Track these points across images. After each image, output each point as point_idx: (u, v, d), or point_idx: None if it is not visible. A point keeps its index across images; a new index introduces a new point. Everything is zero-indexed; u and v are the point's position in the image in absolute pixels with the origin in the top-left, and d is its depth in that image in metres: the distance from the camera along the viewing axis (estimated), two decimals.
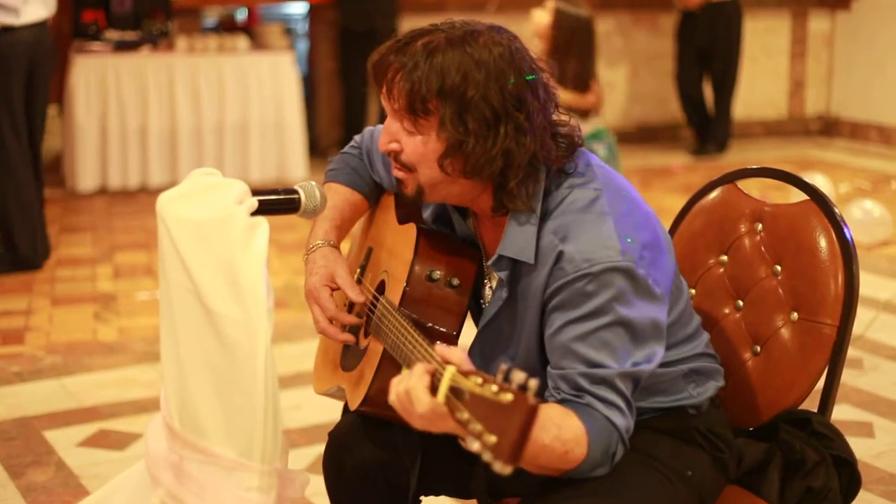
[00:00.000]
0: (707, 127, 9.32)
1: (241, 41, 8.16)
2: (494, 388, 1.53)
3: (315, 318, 2.25)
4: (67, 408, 4.19)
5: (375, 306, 2.19)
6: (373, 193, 2.45)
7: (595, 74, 5.89)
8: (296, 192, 2.03)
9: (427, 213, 2.28)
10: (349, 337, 2.26)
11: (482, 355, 2.18)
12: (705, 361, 2.22)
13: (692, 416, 2.18)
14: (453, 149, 1.97)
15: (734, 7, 9.07)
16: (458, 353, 1.68)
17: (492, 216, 2.09)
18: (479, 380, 1.55)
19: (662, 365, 2.07)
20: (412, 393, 1.69)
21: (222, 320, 1.76)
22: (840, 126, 10.29)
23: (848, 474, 2.22)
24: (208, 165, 7.85)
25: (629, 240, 1.97)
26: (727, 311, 2.40)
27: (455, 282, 2.11)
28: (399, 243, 2.21)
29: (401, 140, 2.03)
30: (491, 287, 2.19)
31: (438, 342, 1.75)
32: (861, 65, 10.04)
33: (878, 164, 9.06)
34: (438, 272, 2.11)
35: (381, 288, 2.25)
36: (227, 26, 8.94)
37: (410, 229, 2.18)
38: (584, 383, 1.95)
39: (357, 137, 2.49)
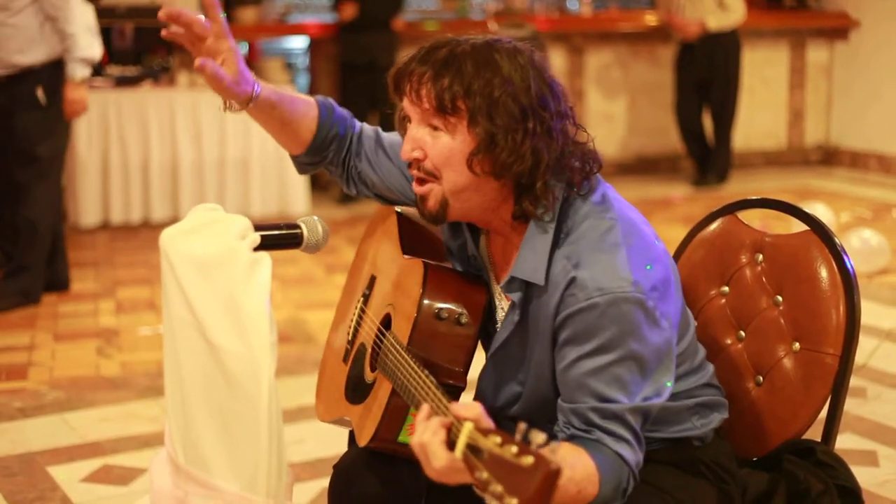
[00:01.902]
0: (707, 158, 9.35)
1: None
2: (514, 449, 1.52)
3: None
4: (71, 443, 4.18)
5: (382, 341, 2.19)
6: (335, 119, 2.37)
7: None
8: (298, 226, 2.04)
9: (447, 235, 2.27)
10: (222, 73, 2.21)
11: (493, 380, 2.19)
12: (711, 394, 2.22)
13: (697, 447, 2.18)
14: (484, 145, 2.00)
15: (732, 38, 9.11)
16: (475, 408, 1.66)
17: (511, 227, 2.10)
18: (499, 439, 1.55)
19: (669, 398, 2.07)
20: (428, 448, 1.67)
21: (226, 355, 1.77)
22: (840, 155, 10.32)
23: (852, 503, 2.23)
24: (210, 200, 7.88)
25: (641, 273, 1.98)
26: (729, 341, 2.41)
27: (464, 319, 2.11)
28: (405, 278, 2.21)
29: (425, 146, 2.05)
30: (503, 309, 2.19)
31: (453, 402, 1.72)
32: (860, 94, 10.08)
33: (878, 192, 9.08)
34: (447, 311, 2.10)
35: (386, 322, 2.25)
36: None
37: (417, 265, 2.18)
38: (595, 418, 1.96)
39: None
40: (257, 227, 1.91)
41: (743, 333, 2.40)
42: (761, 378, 2.34)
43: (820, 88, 10.38)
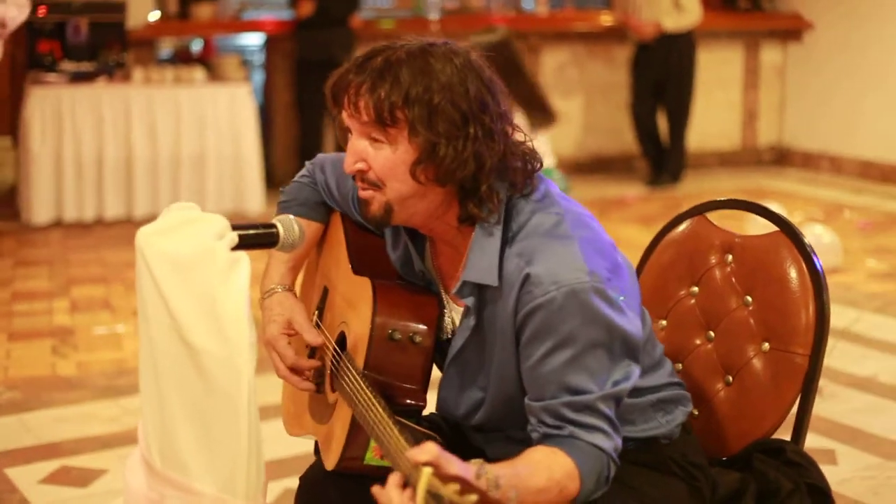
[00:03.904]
0: (662, 158, 9.39)
1: (198, 72, 8.15)
2: (474, 497, 1.52)
3: (276, 367, 2.26)
4: (28, 444, 4.14)
5: (339, 359, 2.18)
6: (326, 219, 2.43)
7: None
8: (274, 226, 2.02)
9: (395, 254, 2.25)
10: (311, 385, 2.26)
11: (454, 387, 2.18)
12: (672, 389, 2.23)
13: (665, 445, 2.19)
14: (426, 154, 1.98)
15: (688, 39, 9.16)
16: (431, 450, 1.64)
17: (457, 232, 2.08)
18: (457, 486, 1.54)
19: (633, 395, 2.08)
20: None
21: (203, 356, 1.75)
22: (792, 156, 10.41)
23: (822, 503, 2.24)
24: (164, 197, 7.89)
25: (595, 262, 1.98)
26: (698, 341, 2.42)
27: (418, 338, 2.09)
28: (356, 296, 2.19)
29: (368, 158, 2.02)
30: (451, 318, 2.18)
31: (411, 447, 1.69)
32: (812, 96, 10.17)
33: (829, 193, 9.16)
34: (400, 330, 2.08)
35: (340, 340, 2.23)
36: (183, 57, 8.91)
37: (366, 284, 2.15)
38: (567, 412, 1.96)
39: (308, 165, 2.45)
40: (233, 227, 1.89)
41: (712, 334, 2.40)
42: (731, 378, 2.36)
43: (773, 89, 10.47)
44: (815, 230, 6.57)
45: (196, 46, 9.37)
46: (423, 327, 2.10)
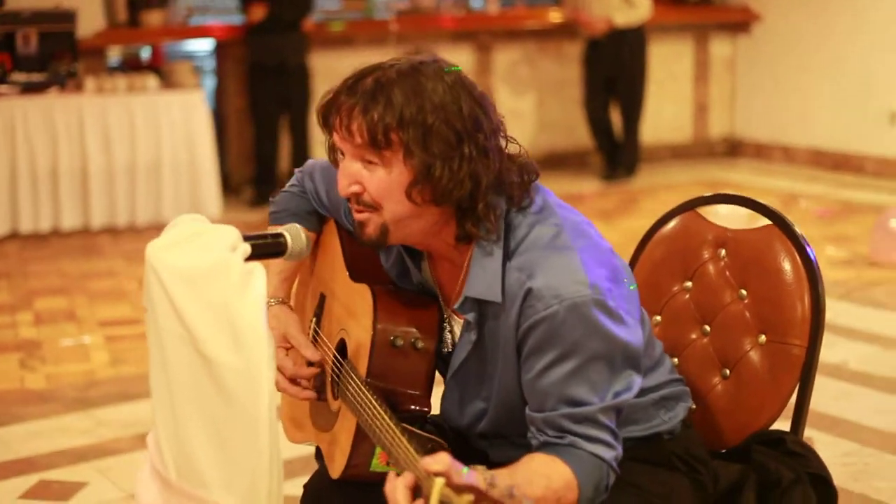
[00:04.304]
0: (616, 152, 9.44)
1: (151, 80, 8.09)
2: None
3: (276, 380, 2.22)
4: (3, 459, 4.09)
5: (341, 367, 2.17)
6: (319, 227, 2.42)
7: None
8: (282, 235, 2.01)
9: (388, 264, 2.24)
10: (312, 394, 2.25)
11: (456, 399, 2.18)
12: (673, 386, 2.24)
13: (667, 441, 2.20)
14: (422, 176, 1.96)
15: (638, 34, 9.20)
16: (444, 460, 1.64)
17: (454, 249, 2.07)
18: (471, 497, 1.55)
19: (635, 395, 2.09)
20: None
21: (221, 368, 1.73)
22: (744, 147, 10.50)
23: (824, 492, 2.25)
24: (121, 206, 7.83)
25: (595, 273, 1.98)
26: (694, 336, 2.43)
27: (420, 344, 2.08)
28: (356, 303, 2.18)
29: (362, 180, 2.00)
30: (451, 331, 2.17)
31: (423, 457, 1.69)
32: (763, 87, 10.26)
33: (783, 183, 9.25)
34: (401, 337, 2.07)
35: (341, 347, 2.22)
36: (132, 65, 8.85)
37: (365, 291, 2.14)
38: (568, 424, 1.96)
39: (297, 174, 2.44)
40: (244, 238, 1.87)
41: (708, 328, 2.42)
42: (728, 371, 2.37)
43: (724, 82, 10.55)
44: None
45: (144, 54, 9.30)
46: (424, 333, 2.10)
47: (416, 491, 1.69)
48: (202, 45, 10.12)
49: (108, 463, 4.05)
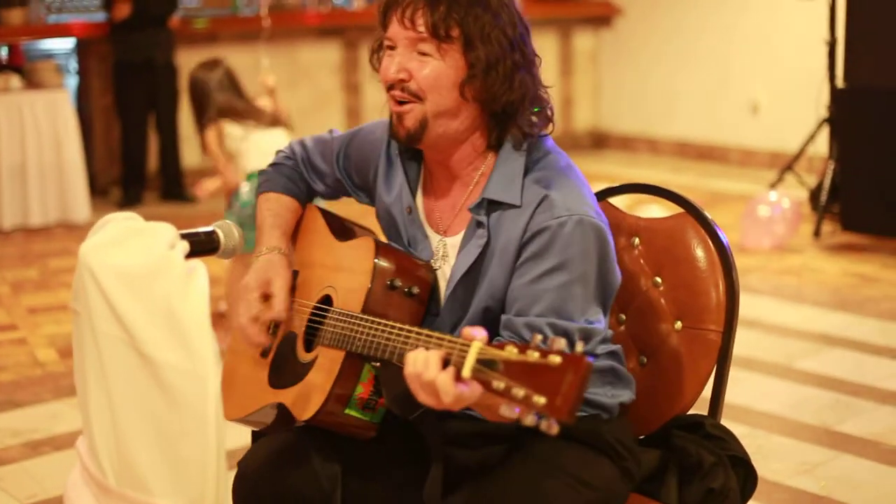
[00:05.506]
0: None
1: (14, 80, 7.88)
2: (536, 353, 1.60)
3: (238, 313, 2.20)
4: None
5: (325, 319, 2.18)
6: (304, 198, 2.49)
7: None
8: (214, 231, 1.99)
9: (389, 200, 2.31)
10: (266, 339, 2.24)
11: (455, 310, 2.22)
12: (623, 368, 2.24)
13: (604, 421, 2.19)
14: (479, 70, 2.10)
15: None
16: (480, 330, 1.74)
17: (479, 156, 2.20)
18: (515, 349, 1.62)
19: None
20: (436, 384, 1.75)
21: (165, 369, 1.71)
22: (610, 140, 10.66)
23: (744, 473, 2.30)
24: None
25: (599, 210, 2.18)
26: (610, 324, 2.46)
27: (415, 290, 2.17)
28: (351, 258, 2.24)
29: (412, 69, 2.12)
30: (444, 256, 2.24)
31: (465, 329, 1.77)
32: (627, 80, 10.43)
33: (649, 174, 9.40)
34: (399, 280, 2.16)
35: (325, 302, 2.25)
36: None
37: (367, 242, 2.22)
38: (548, 332, 2.05)
39: (287, 148, 2.53)
40: (181, 235, 1.84)
41: (624, 316, 2.45)
42: (645, 358, 2.41)
43: (587, 75, 10.69)
44: (652, 211, 6.73)
45: (3, 53, 9.05)
46: (419, 284, 2.19)
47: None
48: (62, 44, 9.88)
49: (0, 473, 3.94)
